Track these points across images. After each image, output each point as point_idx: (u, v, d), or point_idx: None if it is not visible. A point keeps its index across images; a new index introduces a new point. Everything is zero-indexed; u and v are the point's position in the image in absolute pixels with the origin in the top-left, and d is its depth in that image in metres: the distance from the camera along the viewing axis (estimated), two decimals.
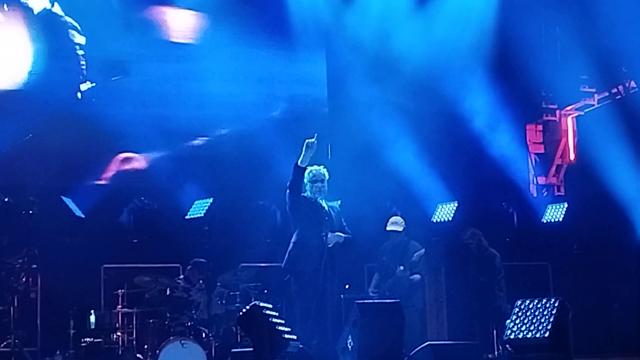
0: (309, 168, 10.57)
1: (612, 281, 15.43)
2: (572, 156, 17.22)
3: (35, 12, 14.68)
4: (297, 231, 10.58)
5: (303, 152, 10.26)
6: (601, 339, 15.11)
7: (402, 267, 12.29)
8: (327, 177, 10.66)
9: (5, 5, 14.58)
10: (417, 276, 12.48)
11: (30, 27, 14.69)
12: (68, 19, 14.82)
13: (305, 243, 10.48)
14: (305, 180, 10.54)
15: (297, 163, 10.28)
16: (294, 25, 15.78)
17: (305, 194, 10.58)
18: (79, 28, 14.88)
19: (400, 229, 12.60)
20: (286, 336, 9.75)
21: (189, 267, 13.35)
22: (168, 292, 12.53)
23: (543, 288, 14.81)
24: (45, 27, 14.74)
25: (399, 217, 12.81)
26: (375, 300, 11.27)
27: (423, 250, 12.53)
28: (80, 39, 14.90)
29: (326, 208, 10.61)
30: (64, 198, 14.18)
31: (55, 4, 14.81)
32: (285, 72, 16.07)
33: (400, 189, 15.45)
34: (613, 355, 14.50)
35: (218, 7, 15.61)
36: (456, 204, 15.37)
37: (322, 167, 10.69)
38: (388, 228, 12.61)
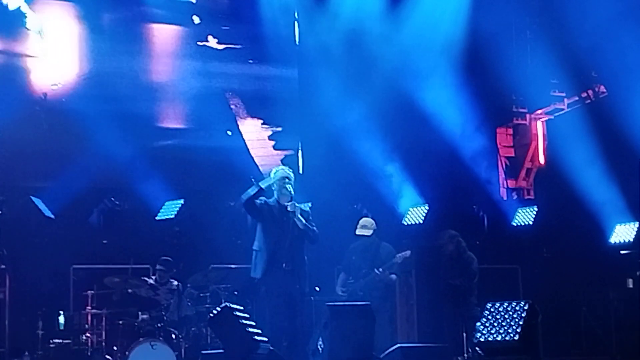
0: (276, 168, 10.80)
1: (581, 284, 15.50)
2: (541, 160, 17.29)
3: None
4: (257, 237, 10.65)
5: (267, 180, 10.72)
6: (570, 342, 15.19)
7: (380, 270, 12.29)
8: (292, 176, 10.77)
9: None
10: (394, 276, 12.52)
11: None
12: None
13: (269, 248, 10.52)
14: (272, 179, 10.70)
15: (259, 184, 10.58)
16: (266, 30, 15.79)
17: (269, 199, 10.67)
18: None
19: (370, 232, 12.60)
20: (256, 338, 9.76)
21: (157, 265, 13.28)
22: (130, 291, 12.47)
23: (513, 291, 14.85)
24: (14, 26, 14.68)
25: (369, 219, 12.78)
26: (346, 303, 11.26)
27: (409, 252, 12.53)
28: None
29: (293, 211, 10.64)
30: (33, 198, 14.05)
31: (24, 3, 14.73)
32: (256, 76, 16.06)
33: (371, 191, 15.48)
34: (581, 357, 14.60)
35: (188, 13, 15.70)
36: (427, 207, 15.41)
37: (287, 167, 10.84)
38: (358, 232, 12.60)
